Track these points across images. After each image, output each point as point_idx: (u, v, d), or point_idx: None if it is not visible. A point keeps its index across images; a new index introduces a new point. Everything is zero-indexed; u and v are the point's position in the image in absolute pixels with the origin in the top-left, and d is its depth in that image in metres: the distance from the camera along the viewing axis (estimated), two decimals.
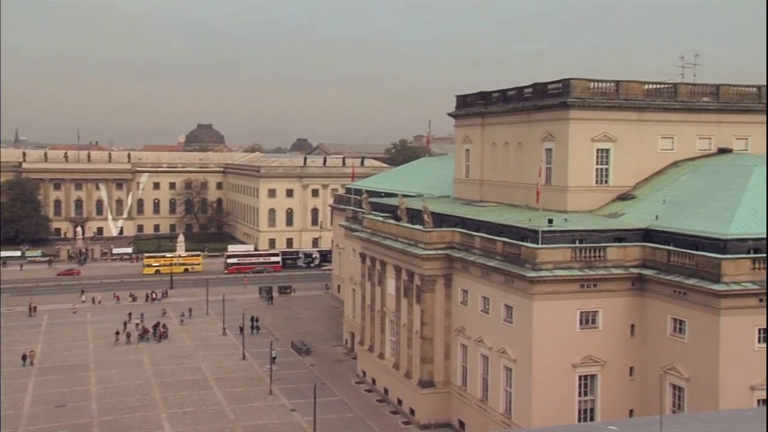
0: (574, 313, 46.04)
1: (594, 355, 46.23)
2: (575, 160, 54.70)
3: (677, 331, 43.96)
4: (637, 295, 46.66)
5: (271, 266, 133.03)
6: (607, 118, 55.03)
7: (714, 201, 47.92)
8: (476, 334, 52.88)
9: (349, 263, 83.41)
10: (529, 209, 55.66)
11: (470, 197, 67.73)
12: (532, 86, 59.92)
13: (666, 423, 13.84)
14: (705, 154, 57.04)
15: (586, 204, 54.42)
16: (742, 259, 41.69)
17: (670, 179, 54.52)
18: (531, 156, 58.74)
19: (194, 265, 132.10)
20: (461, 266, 54.92)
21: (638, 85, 56.22)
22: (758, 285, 41.13)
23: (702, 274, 42.15)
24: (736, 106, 57.82)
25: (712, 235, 43.75)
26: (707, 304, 41.54)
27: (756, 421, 13.88)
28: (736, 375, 40.82)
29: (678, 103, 56.68)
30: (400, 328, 62.15)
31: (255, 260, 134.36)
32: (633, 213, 51.41)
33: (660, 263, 45.54)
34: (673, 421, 15.03)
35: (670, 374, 44.03)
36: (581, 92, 54.85)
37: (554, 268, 45.83)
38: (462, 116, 70.96)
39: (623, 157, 55.19)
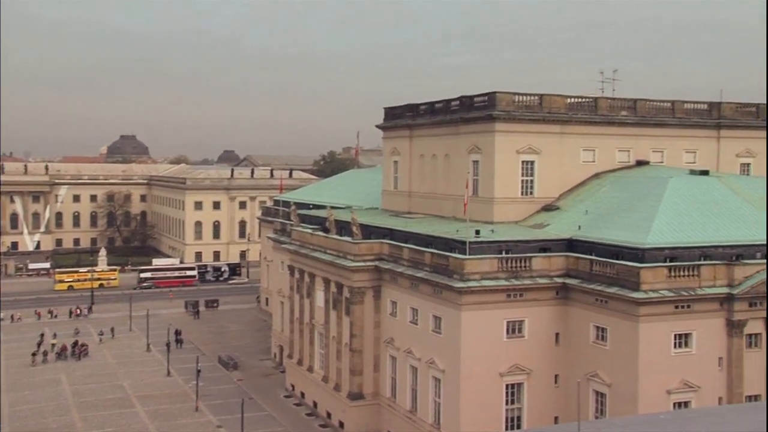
0: (501, 322, 46.68)
1: (520, 363, 46.94)
2: (501, 171, 55.67)
3: (599, 338, 45.11)
4: (561, 303, 47.68)
5: (185, 281, 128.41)
6: (531, 130, 56.26)
7: (633, 211, 49.52)
8: (405, 346, 52.98)
9: (278, 276, 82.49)
10: (456, 220, 56.28)
11: (399, 209, 68.06)
12: (459, 99, 60.79)
13: (585, 429, 14.06)
14: (624, 166, 58.95)
15: (512, 215, 55.40)
16: (660, 268, 43.16)
17: (592, 190, 56.10)
18: (458, 168, 59.48)
19: (110, 280, 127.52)
20: (390, 278, 55.01)
21: (561, 98, 57.75)
22: (674, 293, 42.66)
23: (622, 283, 43.42)
24: (653, 120, 60.05)
25: (631, 244, 45.16)
26: (627, 311, 42.81)
27: (668, 425, 14.23)
28: (654, 380, 42.15)
29: (598, 116, 58.48)
30: (329, 341, 61.72)
31: (169, 275, 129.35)
32: (557, 223, 52.61)
33: (583, 272, 46.70)
34: (591, 427, 15.30)
35: (592, 381, 45.10)
36: (506, 105, 55.95)
37: (482, 279, 46.40)
38: (390, 128, 71.35)
39: (547, 169, 56.48)
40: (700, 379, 43.17)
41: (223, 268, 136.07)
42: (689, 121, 61.26)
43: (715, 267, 43.97)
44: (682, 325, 43.11)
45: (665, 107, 61.16)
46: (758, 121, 63.55)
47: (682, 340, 43.22)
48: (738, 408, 5.47)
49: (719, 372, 43.87)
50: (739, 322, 43.90)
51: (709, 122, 61.82)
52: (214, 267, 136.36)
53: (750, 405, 5.81)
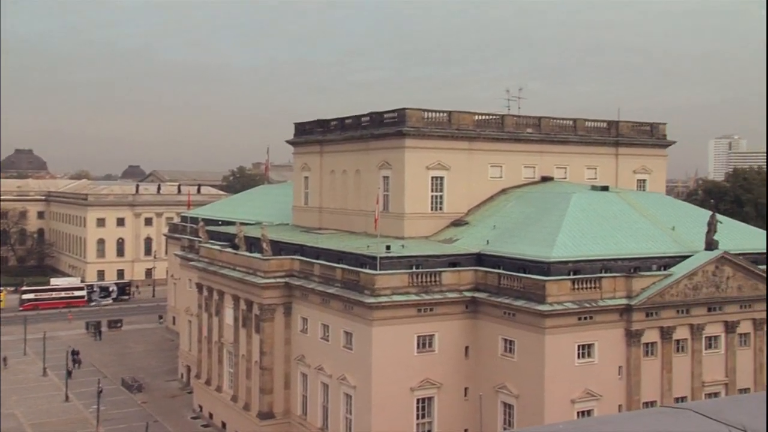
0: (411, 337, 46.89)
1: (431, 377, 47.25)
2: (411, 187, 56.18)
3: (507, 350, 46.00)
4: (470, 317, 48.36)
5: (72, 302, 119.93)
6: (440, 147, 57.09)
7: (538, 226, 50.92)
8: (316, 362, 52.44)
9: (185, 294, 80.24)
10: (367, 236, 56.33)
11: (309, 224, 67.58)
12: (369, 115, 61.10)
13: None
14: (530, 181, 60.62)
15: (422, 230, 55.94)
16: (564, 281, 44.49)
17: (500, 206, 57.39)
18: (369, 183, 59.66)
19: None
20: (301, 294, 54.43)
21: (469, 115, 58.92)
22: (577, 304, 44.04)
23: (529, 296, 44.48)
24: (556, 138, 62.10)
25: (537, 258, 46.37)
26: (534, 324, 43.85)
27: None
28: (559, 390, 43.30)
29: (505, 133, 59.98)
30: (239, 359, 60.40)
31: (55, 295, 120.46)
32: (466, 238, 53.47)
33: (491, 286, 47.57)
34: None
35: (501, 392, 45.89)
36: (416, 122, 56.60)
37: (392, 294, 46.53)
38: (300, 144, 70.94)
39: (456, 185, 57.41)
40: (601, 387, 44.65)
41: (111, 287, 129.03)
42: (590, 138, 63.70)
43: (615, 279, 45.70)
44: (584, 336, 44.54)
45: (567, 125, 63.40)
46: (653, 139, 66.75)
47: (585, 350, 44.63)
48: (635, 414, 5.65)
49: (619, 380, 45.51)
50: (637, 332, 45.72)
51: (608, 140, 64.45)
52: (101, 287, 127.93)
53: (645, 411, 5.96)
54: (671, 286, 46.53)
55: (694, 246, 49.25)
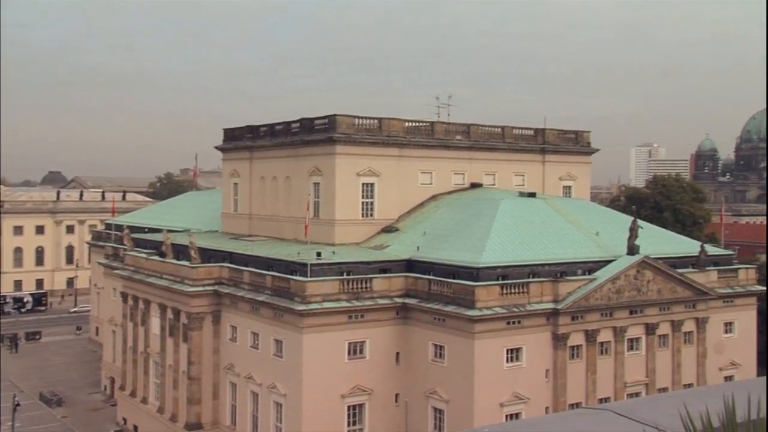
0: (342, 344, 46.72)
1: (362, 384, 47.16)
2: (342, 194, 56.09)
3: (438, 356, 46.34)
4: (401, 323, 48.53)
5: None
6: (371, 153, 57.21)
7: (468, 232, 51.57)
8: (246, 371, 51.64)
9: (109, 303, 77.91)
10: (298, 243, 55.92)
11: (239, 231, 66.64)
12: (300, 121, 60.77)
13: None
14: (459, 188, 61.36)
15: (353, 237, 55.88)
16: (493, 286, 45.16)
17: (430, 212, 57.87)
18: (299, 190, 59.28)
19: None
20: (230, 302, 53.56)
21: (399, 122, 59.27)
22: (506, 309, 44.76)
23: (459, 301, 44.95)
24: (485, 144, 63.08)
25: (466, 264, 46.93)
26: (463, 329, 44.33)
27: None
28: (489, 394, 43.89)
29: (435, 140, 60.58)
30: (166, 370, 58.96)
31: None
32: (397, 245, 53.69)
33: (422, 292, 47.86)
34: None
35: (431, 398, 46.18)
36: (346, 128, 56.59)
37: (323, 301, 46.28)
38: (230, 150, 69.96)
39: (387, 191, 57.60)
40: (529, 390, 45.47)
41: (25, 298, 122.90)
42: (517, 145, 64.98)
43: (542, 284, 46.67)
44: (513, 340, 45.28)
45: (496, 132, 64.51)
46: (577, 147, 68.60)
47: (514, 354, 45.38)
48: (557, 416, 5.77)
49: (546, 383, 46.45)
50: (563, 336, 46.78)
51: (535, 147, 65.88)
52: (14, 297, 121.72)
53: (566, 413, 6.09)
54: (595, 290, 47.82)
55: (617, 251, 50.77)
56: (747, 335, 56.59)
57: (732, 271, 57.08)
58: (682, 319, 52.28)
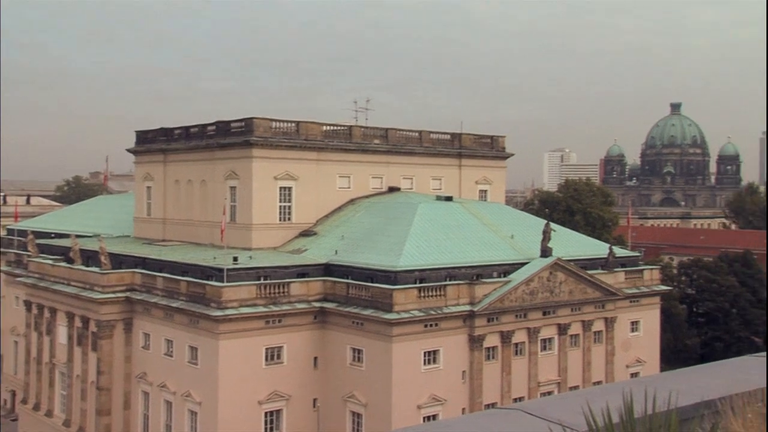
0: (259, 349, 46.10)
1: (279, 390, 46.64)
2: (259, 197, 55.39)
3: (356, 360, 46.33)
4: (319, 327, 48.27)
5: None
6: (288, 157, 56.74)
7: (386, 236, 51.81)
8: (159, 380, 50.21)
9: (12, 312, 74.34)
10: (214, 247, 54.86)
11: (152, 236, 64.84)
12: (215, 124, 59.71)
13: None
14: (377, 192, 61.61)
15: (271, 241, 55.26)
16: (410, 289, 45.52)
17: (348, 216, 57.85)
18: (215, 194, 58.21)
19: None
20: (143, 309, 52.00)
21: (317, 126, 59.03)
22: (423, 312, 45.18)
23: (377, 305, 45.08)
24: (403, 149, 63.55)
25: (384, 267, 47.13)
26: (382, 332, 44.49)
27: None
28: (406, 396, 44.18)
29: (353, 144, 60.62)
30: (73, 380, 56.69)
31: None
32: (315, 249, 53.41)
33: (340, 296, 47.76)
34: None
35: (349, 402, 46.12)
36: (263, 131, 55.94)
37: (240, 306, 45.55)
38: (142, 152, 68.03)
39: (305, 195, 57.25)
40: (446, 392, 46.03)
41: None
42: (435, 150, 65.78)
43: (459, 286, 47.36)
44: (430, 343, 45.75)
45: (414, 137, 65.11)
46: (493, 152, 70.00)
47: (431, 356, 45.86)
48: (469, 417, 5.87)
49: (462, 384, 47.14)
50: (479, 337, 47.60)
51: (452, 151, 66.82)
52: None
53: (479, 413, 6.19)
54: (510, 292, 48.89)
55: (530, 253, 52.06)
56: (651, 333, 59.09)
57: (638, 272, 59.49)
58: (592, 319, 54.08)
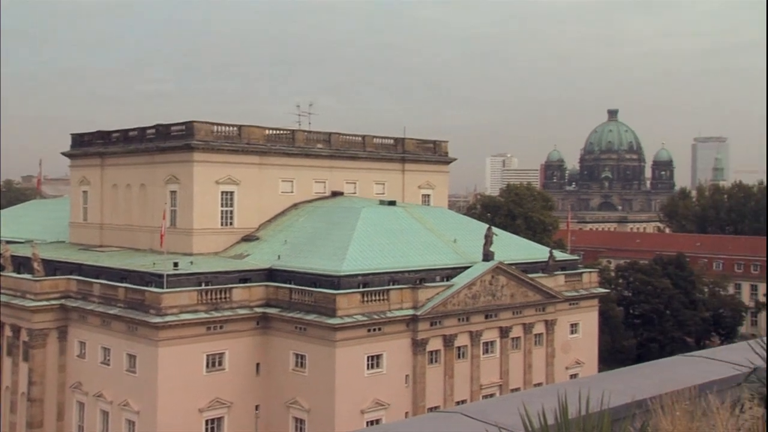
0: (200, 356, 45.34)
1: (221, 397, 45.92)
2: (200, 202, 54.56)
3: (299, 365, 45.99)
4: (262, 333, 47.76)
5: None
6: (230, 161, 56.06)
7: (329, 240, 51.63)
8: (95, 389, 48.85)
9: None
10: (153, 253, 53.73)
11: (89, 242, 63.16)
12: (155, 127, 58.64)
13: None
14: (321, 196, 61.35)
15: (212, 246, 54.47)
16: (354, 294, 45.44)
17: (291, 220, 57.45)
18: (155, 198, 57.08)
19: None
20: (78, 317, 50.54)
21: (259, 130, 58.49)
22: (366, 317, 45.16)
23: (320, 310, 44.88)
24: (346, 153, 63.47)
25: (327, 272, 46.96)
26: (325, 337, 44.29)
27: None
28: (350, 402, 44.08)
29: (296, 148, 60.25)
30: (2, 392, 54.65)
31: None
32: (257, 254, 52.86)
33: (283, 301, 47.37)
34: None
35: (292, 408, 45.75)
36: (205, 135, 55.16)
37: (180, 313, 44.73)
38: (79, 156, 66.26)
39: (247, 200, 56.62)
40: (389, 396, 46.08)
41: None
42: (378, 154, 65.88)
43: (402, 291, 47.50)
44: (373, 347, 45.76)
45: (357, 141, 65.11)
46: (436, 156, 70.52)
47: (374, 361, 45.86)
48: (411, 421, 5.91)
49: (406, 388, 47.27)
50: (422, 341, 47.81)
51: (395, 156, 67.04)
52: None
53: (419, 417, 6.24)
54: (453, 295, 49.28)
55: (473, 257, 52.59)
56: (590, 335, 60.39)
57: (577, 275, 60.75)
58: (533, 321, 54.94)
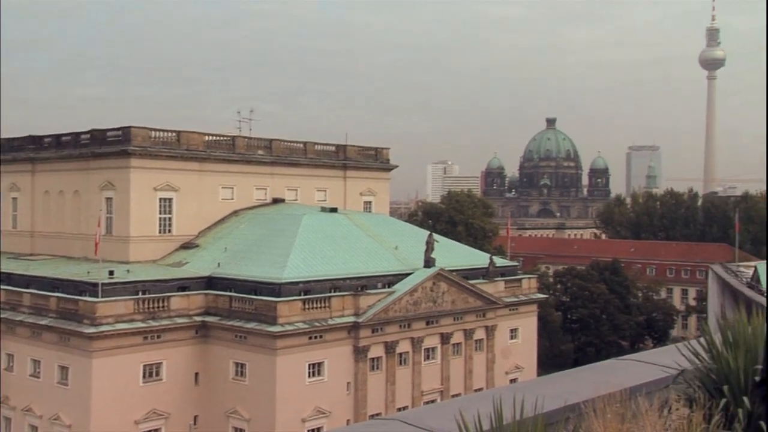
0: (137, 367, 44.28)
1: (158, 408, 44.90)
2: (137, 209, 53.39)
3: (239, 374, 45.36)
4: (201, 342, 46.96)
5: None
6: (169, 167, 55.04)
7: (270, 248, 51.15)
8: (24, 403, 47.14)
9: None
10: (88, 261, 52.28)
11: (19, 250, 61.01)
12: (90, 132, 57.23)
13: None
14: (262, 203, 60.76)
15: (150, 254, 53.32)
16: (295, 301, 45.11)
17: (231, 228, 56.70)
18: (89, 205, 55.59)
19: None
20: (6, 328, 48.73)
21: (199, 136, 57.64)
22: (308, 324, 44.87)
23: (261, 318, 44.39)
24: (287, 160, 63.04)
25: (268, 279, 46.51)
26: (265, 345, 43.81)
27: None
28: (290, 410, 43.70)
29: (236, 155, 59.54)
30: None
31: None
32: (196, 261, 51.99)
33: (223, 310, 46.69)
34: None
35: (232, 417, 45.07)
36: (142, 141, 54.05)
37: (116, 322, 43.63)
38: (8, 161, 63.99)
39: (186, 207, 55.66)
40: (331, 404, 45.85)
41: None
42: (320, 161, 65.69)
43: (344, 298, 47.39)
44: (315, 355, 45.50)
45: (298, 148, 64.78)
46: (377, 163, 70.72)
47: (316, 369, 45.60)
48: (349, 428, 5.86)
49: (347, 396, 47.13)
50: (364, 348, 47.77)
51: (336, 163, 66.94)
52: None
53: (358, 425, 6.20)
54: (395, 302, 49.40)
55: (414, 264, 52.85)
56: (529, 340, 61.34)
57: (517, 281, 61.68)
58: (474, 327, 55.51)
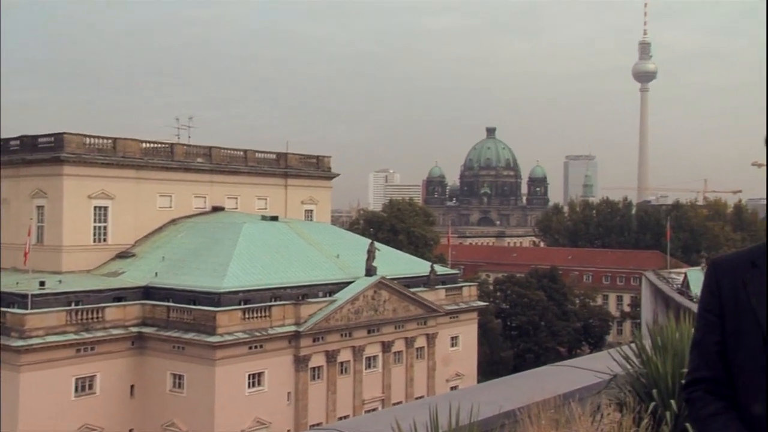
0: (68, 380, 42.91)
1: (91, 423, 43.58)
2: (70, 217, 51.92)
3: (176, 386, 44.45)
4: (137, 354, 45.86)
5: None
6: (104, 175, 53.72)
7: (209, 257, 50.36)
8: None
9: None
10: (17, 272, 50.44)
11: None
12: (20, 139, 55.50)
13: None
14: (201, 211, 59.81)
15: (84, 263, 51.87)
16: (234, 311, 44.50)
17: (169, 237, 55.63)
18: (19, 214, 53.75)
19: None
20: None
21: (136, 143, 56.47)
22: (248, 334, 44.31)
23: (199, 328, 43.63)
24: (227, 168, 62.26)
25: (207, 289, 45.77)
26: (204, 356, 43.07)
27: None
28: (230, 421, 42.98)
29: (175, 162, 58.52)
30: None
31: None
32: (133, 271, 50.81)
33: (160, 320, 45.72)
34: None
35: (169, 430, 44.10)
36: (76, 147, 52.65)
37: (46, 335, 42.22)
38: None
39: (122, 215, 54.40)
40: (271, 415, 45.34)
41: None
42: (260, 169, 65.07)
43: (285, 307, 46.98)
44: (255, 365, 44.95)
45: (238, 155, 64.07)
46: (318, 172, 70.49)
47: (255, 379, 45.05)
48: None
49: (288, 406, 46.68)
50: (304, 357, 47.43)
51: (277, 171, 66.43)
52: None
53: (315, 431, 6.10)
54: (336, 311, 49.23)
55: (356, 272, 52.78)
56: (470, 347, 61.90)
57: (457, 289, 62.22)
58: (415, 335, 55.73)
